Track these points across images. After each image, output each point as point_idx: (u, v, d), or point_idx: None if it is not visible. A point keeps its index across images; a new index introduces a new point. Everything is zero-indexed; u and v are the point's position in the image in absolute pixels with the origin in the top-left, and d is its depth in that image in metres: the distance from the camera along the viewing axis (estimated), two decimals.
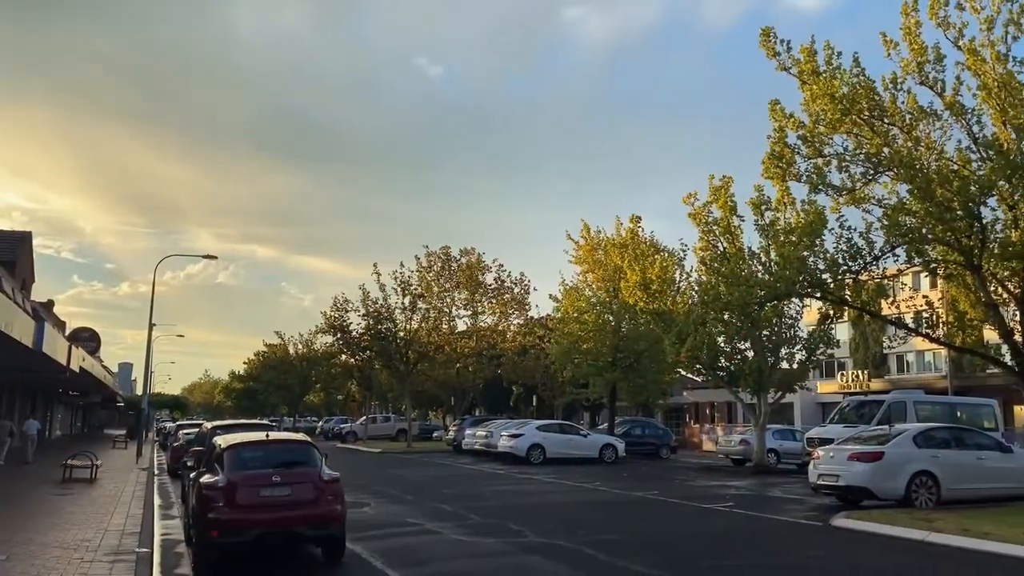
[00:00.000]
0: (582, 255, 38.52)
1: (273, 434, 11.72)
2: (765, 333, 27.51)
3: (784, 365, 28.66)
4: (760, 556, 10.88)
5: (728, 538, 12.52)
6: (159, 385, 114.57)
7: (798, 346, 28.03)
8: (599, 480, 22.40)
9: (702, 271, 26.10)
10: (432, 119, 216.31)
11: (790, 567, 10.12)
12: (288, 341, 69.94)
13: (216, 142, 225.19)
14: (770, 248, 22.66)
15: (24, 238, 38.10)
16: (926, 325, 19.28)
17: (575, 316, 37.57)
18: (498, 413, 51.79)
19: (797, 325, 28.31)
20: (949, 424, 20.04)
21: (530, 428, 30.93)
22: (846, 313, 22.08)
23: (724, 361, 28.33)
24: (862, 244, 17.74)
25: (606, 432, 35.03)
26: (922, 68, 16.58)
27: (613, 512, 15.92)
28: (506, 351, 46.35)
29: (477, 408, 60.26)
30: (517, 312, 46.43)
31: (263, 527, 9.23)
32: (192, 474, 11.29)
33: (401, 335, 43.25)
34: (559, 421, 37.49)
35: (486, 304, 45.50)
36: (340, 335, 45.67)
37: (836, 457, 16.24)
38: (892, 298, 20.35)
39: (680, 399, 51.67)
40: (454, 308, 44.91)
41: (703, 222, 26.09)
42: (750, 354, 27.76)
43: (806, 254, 18.73)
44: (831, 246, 18.27)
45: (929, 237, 17.06)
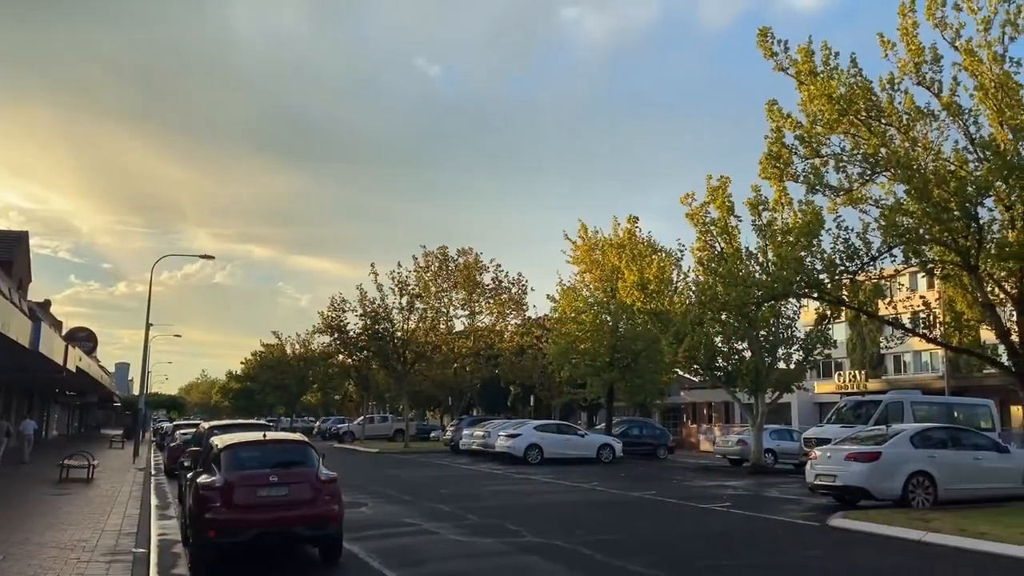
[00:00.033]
0: (579, 255, 38.53)
1: (270, 434, 11.69)
2: (762, 333, 27.53)
3: (781, 365, 28.69)
4: (757, 556, 10.89)
5: (725, 538, 12.53)
6: (156, 385, 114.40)
7: (795, 346, 28.05)
8: (596, 480, 22.41)
9: (699, 271, 26.13)
10: (431, 119, 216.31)
11: (787, 567, 10.13)
12: (285, 341, 69.97)
13: (214, 142, 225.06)
14: (767, 248, 22.70)
15: (21, 238, 38.14)
16: (923, 325, 19.32)
17: (573, 316, 37.57)
18: (495, 413, 51.78)
19: (794, 325, 28.34)
20: (946, 424, 20.05)
21: (527, 428, 30.93)
22: (843, 313, 22.11)
23: (721, 361, 28.33)
24: (859, 244, 17.80)
25: (604, 432, 35.03)
26: (919, 69, 16.62)
27: (610, 512, 15.92)
28: (504, 351, 46.36)
29: (474, 408, 60.24)
30: (515, 312, 46.46)
31: (260, 527, 9.22)
32: (189, 474, 11.27)
33: (398, 335, 43.26)
34: (556, 421, 37.43)
35: (483, 304, 45.51)
36: (337, 335, 45.68)
37: (833, 457, 16.25)
38: (889, 298, 20.44)
39: (677, 399, 51.67)
40: (451, 308, 45.01)
41: (701, 222, 26.12)
42: (747, 354, 27.78)
43: (803, 254, 18.77)
44: (828, 246, 18.34)
45: (926, 237, 17.09)
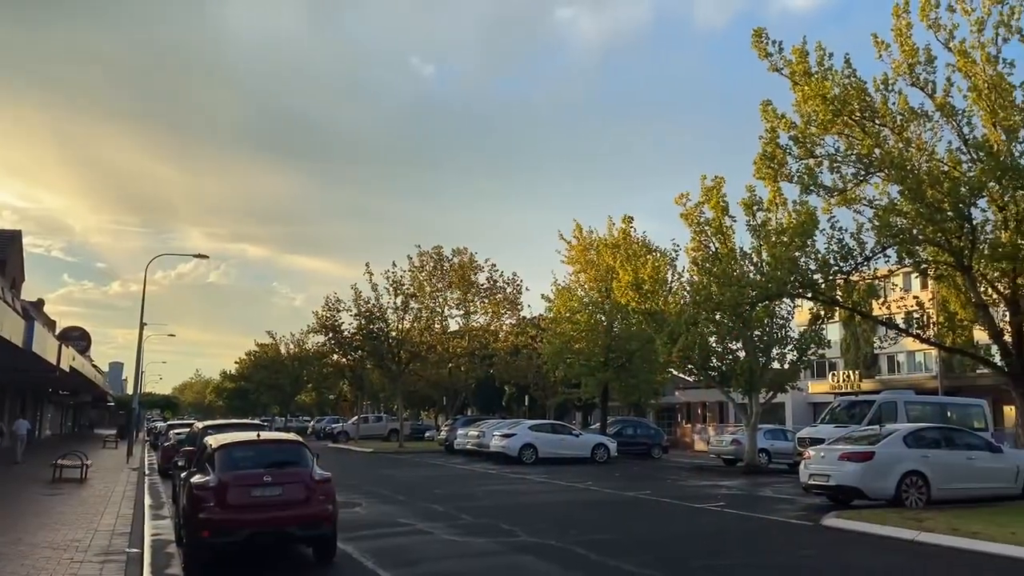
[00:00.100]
0: (574, 255, 38.54)
1: (264, 434, 11.69)
2: (756, 333, 27.59)
3: (775, 365, 28.73)
4: (751, 556, 10.91)
5: (719, 538, 12.55)
6: (150, 385, 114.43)
7: (789, 346, 28.10)
8: (591, 480, 22.42)
9: (694, 271, 26.17)
10: (427, 119, 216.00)
11: (781, 567, 10.15)
12: (279, 341, 69.90)
13: (209, 141, 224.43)
14: (762, 248, 22.74)
15: (14, 237, 37.96)
16: (917, 326, 19.39)
17: (567, 316, 37.59)
18: (490, 413, 51.77)
19: (788, 325, 28.39)
20: (939, 424, 20.10)
21: (522, 428, 30.93)
22: (837, 313, 22.16)
23: (716, 361, 28.39)
24: (853, 245, 17.84)
25: (598, 432, 35.07)
26: (913, 69, 16.68)
27: (605, 512, 15.93)
28: (498, 351, 46.34)
29: (469, 408, 60.18)
30: (509, 312, 46.46)
31: (254, 527, 9.21)
32: (183, 474, 11.25)
33: (393, 335, 43.21)
34: (551, 421, 37.47)
35: (478, 304, 45.45)
36: (332, 335, 45.59)
37: (827, 457, 16.29)
38: (883, 299, 20.46)
39: (672, 399, 51.74)
40: (446, 308, 44.92)
41: (695, 222, 26.16)
42: (741, 354, 27.84)
43: (797, 254, 18.80)
44: (822, 247, 18.39)
45: (920, 238, 17.14)
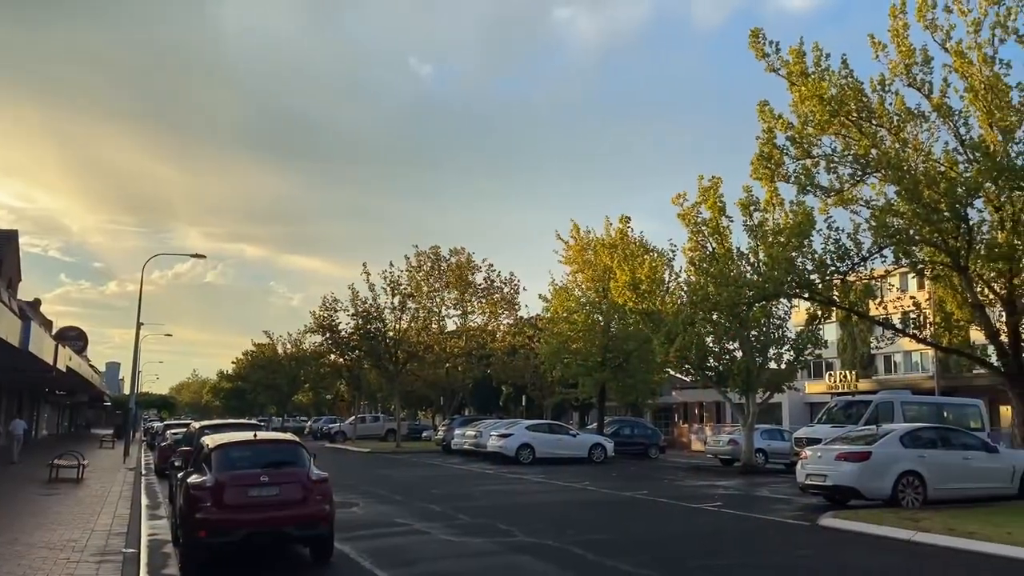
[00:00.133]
0: (572, 255, 38.55)
1: (261, 434, 11.68)
2: (753, 333, 27.61)
3: (772, 365, 28.77)
4: (748, 556, 10.92)
5: (716, 538, 12.56)
6: (147, 385, 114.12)
7: (786, 346, 28.12)
8: (588, 480, 22.42)
9: (691, 271, 26.17)
10: (425, 119, 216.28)
11: (778, 567, 10.15)
12: (277, 341, 69.69)
13: (207, 141, 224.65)
14: (759, 249, 22.76)
15: (10, 237, 37.96)
16: (913, 326, 19.43)
17: (564, 316, 37.60)
18: (487, 413, 51.75)
19: (785, 325, 28.40)
20: (936, 424, 20.11)
21: (519, 428, 30.91)
22: (834, 314, 22.21)
23: (713, 361, 28.41)
24: (850, 245, 17.88)
25: (595, 432, 35.04)
26: (910, 70, 16.72)
27: (602, 512, 15.93)
28: (495, 351, 46.36)
29: (466, 408, 60.19)
30: (507, 312, 46.46)
31: (251, 527, 9.19)
32: (180, 474, 11.23)
33: (390, 335, 43.18)
34: (548, 421, 37.44)
35: (476, 304, 45.45)
36: (329, 335, 45.54)
37: (824, 457, 16.29)
38: (880, 299, 20.51)
39: (669, 399, 51.78)
40: (443, 308, 44.87)
41: (692, 222, 26.17)
42: (738, 354, 27.86)
43: (794, 255, 18.83)
44: (819, 247, 18.42)
45: (916, 238, 17.18)
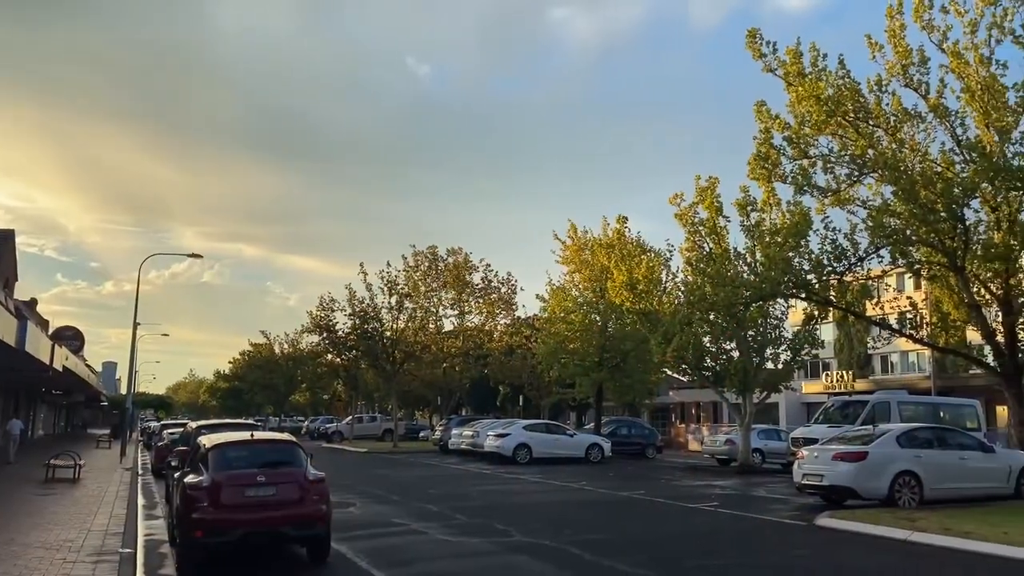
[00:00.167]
0: (569, 255, 38.56)
1: (258, 434, 11.67)
2: (750, 333, 27.63)
3: (769, 365, 28.81)
4: (745, 555, 10.93)
5: (713, 538, 12.57)
6: (143, 384, 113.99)
7: (783, 346, 28.16)
8: (585, 480, 22.42)
9: (688, 271, 26.21)
10: (426, 119, 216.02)
11: (775, 566, 10.17)
12: (274, 340, 69.59)
13: (204, 141, 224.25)
14: (755, 249, 22.81)
15: (7, 236, 37.89)
16: (910, 326, 19.45)
17: (562, 316, 37.61)
18: (485, 413, 51.73)
19: (782, 325, 28.46)
20: (932, 424, 20.14)
21: (517, 428, 30.91)
22: (831, 314, 22.23)
23: (710, 361, 28.43)
24: (847, 245, 17.90)
25: (592, 432, 35.07)
26: (907, 70, 16.74)
27: (599, 512, 15.94)
28: (493, 351, 46.32)
29: (464, 408, 60.21)
30: (504, 312, 46.42)
31: (248, 527, 9.19)
32: (176, 474, 11.22)
33: (388, 335, 43.12)
34: (546, 421, 37.46)
35: (473, 304, 45.43)
36: (326, 334, 45.46)
37: (820, 457, 16.31)
38: (876, 299, 20.56)
39: (666, 399, 51.81)
40: (441, 308, 44.83)
41: (689, 223, 26.22)
42: (735, 354, 27.88)
43: (791, 255, 18.87)
44: (816, 247, 18.46)
45: (913, 238, 17.21)
